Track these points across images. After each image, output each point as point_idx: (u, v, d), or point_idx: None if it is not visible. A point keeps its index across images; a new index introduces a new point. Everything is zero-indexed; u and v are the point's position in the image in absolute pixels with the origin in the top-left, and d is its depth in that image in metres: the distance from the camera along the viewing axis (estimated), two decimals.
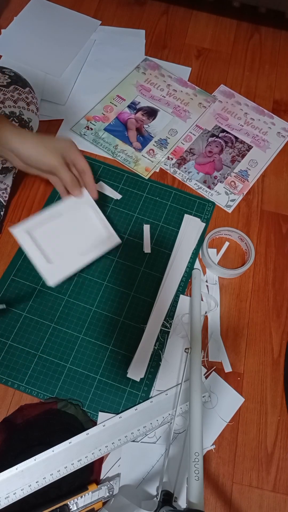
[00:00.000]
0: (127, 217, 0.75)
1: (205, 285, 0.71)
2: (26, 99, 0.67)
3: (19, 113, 0.66)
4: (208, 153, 0.83)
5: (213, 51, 0.96)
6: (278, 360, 0.67)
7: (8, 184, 0.73)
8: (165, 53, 0.95)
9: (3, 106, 0.65)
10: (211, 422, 0.62)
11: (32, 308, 0.67)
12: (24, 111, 0.66)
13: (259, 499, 0.59)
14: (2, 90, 0.66)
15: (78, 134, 0.83)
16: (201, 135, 0.84)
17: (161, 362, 0.65)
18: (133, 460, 0.59)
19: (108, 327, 0.67)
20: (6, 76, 0.67)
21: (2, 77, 0.67)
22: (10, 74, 0.68)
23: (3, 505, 0.53)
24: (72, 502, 0.54)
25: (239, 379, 0.66)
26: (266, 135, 0.87)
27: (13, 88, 0.66)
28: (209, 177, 0.81)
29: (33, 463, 0.55)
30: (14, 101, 0.66)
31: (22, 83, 0.68)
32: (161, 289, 0.69)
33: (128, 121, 0.85)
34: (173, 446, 0.60)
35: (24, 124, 0.66)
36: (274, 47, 0.98)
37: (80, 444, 0.57)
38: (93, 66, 0.91)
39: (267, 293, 0.72)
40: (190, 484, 0.50)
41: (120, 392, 0.63)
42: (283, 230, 0.77)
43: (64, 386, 0.63)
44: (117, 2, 1.01)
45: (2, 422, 0.60)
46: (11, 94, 0.66)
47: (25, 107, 0.67)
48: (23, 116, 0.66)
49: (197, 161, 0.82)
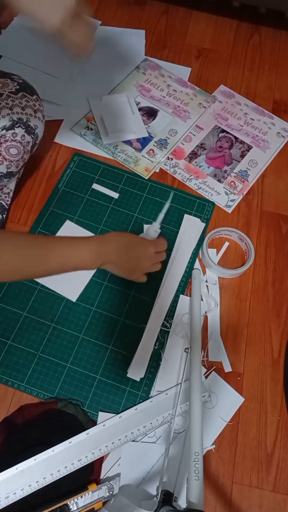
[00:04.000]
0: (127, 217, 0.75)
1: (205, 285, 0.71)
2: (33, 107, 0.68)
3: (26, 120, 0.67)
4: (219, 148, 0.83)
5: (213, 51, 0.96)
6: (278, 360, 0.67)
7: (11, 189, 0.73)
8: (165, 53, 0.95)
9: (11, 112, 0.66)
10: (211, 422, 0.62)
11: (32, 308, 0.67)
12: (31, 118, 0.67)
13: (259, 499, 0.59)
14: (11, 96, 0.66)
15: (78, 134, 0.83)
16: (212, 130, 0.86)
17: (161, 362, 0.65)
18: (133, 460, 0.59)
19: (108, 327, 0.67)
20: (15, 83, 0.68)
21: (11, 84, 0.67)
22: (18, 81, 0.69)
23: (3, 505, 0.53)
24: (72, 502, 0.54)
25: (239, 379, 0.66)
26: (266, 135, 0.87)
27: (22, 95, 0.67)
28: (219, 171, 0.82)
29: (33, 463, 0.55)
30: (22, 108, 0.67)
31: (30, 90, 0.69)
32: (161, 289, 0.69)
33: None
34: (173, 446, 0.60)
35: (30, 131, 0.67)
36: (274, 47, 0.98)
37: (80, 444, 0.57)
38: (93, 66, 0.91)
39: (267, 293, 0.72)
40: (190, 484, 0.50)
41: (120, 392, 0.63)
42: (283, 230, 0.77)
43: (64, 386, 0.63)
44: (117, 2, 1.01)
45: (2, 422, 0.60)
46: (19, 101, 0.67)
47: (32, 114, 0.68)
48: (30, 123, 0.67)
49: (208, 155, 0.83)
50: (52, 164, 0.80)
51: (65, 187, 0.77)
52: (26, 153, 0.68)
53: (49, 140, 0.82)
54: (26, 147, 0.67)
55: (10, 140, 0.65)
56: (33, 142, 0.68)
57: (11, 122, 0.65)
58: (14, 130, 0.66)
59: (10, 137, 0.65)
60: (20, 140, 0.66)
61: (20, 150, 0.67)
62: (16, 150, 0.66)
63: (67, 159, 0.80)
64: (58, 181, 0.78)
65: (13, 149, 0.66)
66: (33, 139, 0.68)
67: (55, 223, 0.74)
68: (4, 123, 0.65)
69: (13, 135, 0.66)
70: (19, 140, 0.66)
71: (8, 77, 0.69)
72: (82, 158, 0.80)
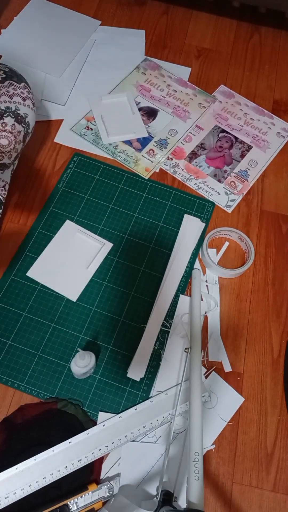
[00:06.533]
0: (127, 217, 0.75)
1: (205, 285, 0.71)
2: (21, 94, 0.67)
3: (15, 108, 0.65)
4: (219, 148, 0.83)
5: (213, 51, 0.96)
6: (278, 360, 0.67)
7: (7, 181, 0.72)
8: (165, 53, 0.95)
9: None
10: (211, 422, 0.62)
11: (32, 308, 0.67)
12: (20, 106, 0.66)
13: (259, 499, 0.59)
14: None
15: (78, 134, 0.83)
16: (212, 130, 0.86)
17: (161, 362, 0.65)
18: (133, 460, 0.59)
19: (108, 327, 0.67)
20: (1, 71, 0.67)
21: None
22: (5, 70, 0.68)
23: (3, 505, 0.53)
24: (72, 502, 0.54)
25: (239, 379, 0.66)
26: (266, 135, 0.87)
27: (8, 84, 0.66)
28: (219, 171, 0.82)
29: (33, 463, 0.55)
30: (10, 96, 0.65)
31: (18, 78, 0.68)
32: (161, 289, 0.69)
33: None
34: (173, 446, 0.60)
35: (20, 120, 0.66)
36: (274, 47, 0.98)
37: (80, 444, 0.57)
38: (93, 66, 0.91)
39: (267, 293, 0.72)
40: (190, 484, 0.50)
41: (120, 392, 0.63)
42: (283, 230, 0.77)
43: (64, 385, 0.63)
44: (117, 2, 1.01)
45: (2, 422, 0.60)
46: (6, 90, 0.65)
47: (21, 102, 0.66)
48: (19, 111, 0.66)
49: (208, 155, 0.83)
50: (52, 164, 0.80)
51: (65, 187, 0.77)
52: (18, 143, 0.67)
53: (49, 140, 0.82)
54: (17, 136, 0.66)
55: (0, 130, 0.65)
56: (24, 131, 0.67)
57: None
58: (3, 120, 0.64)
59: (0, 127, 0.65)
60: (11, 130, 0.65)
61: (11, 141, 0.65)
62: (7, 141, 0.65)
63: (67, 159, 0.81)
64: (58, 181, 0.78)
65: (3, 139, 0.65)
66: (24, 128, 0.67)
67: (55, 223, 0.74)
68: None
69: (2, 125, 0.64)
70: (9, 130, 0.65)
71: None
72: (82, 158, 0.80)
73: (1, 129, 0.64)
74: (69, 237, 0.73)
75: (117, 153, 0.82)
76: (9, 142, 0.65)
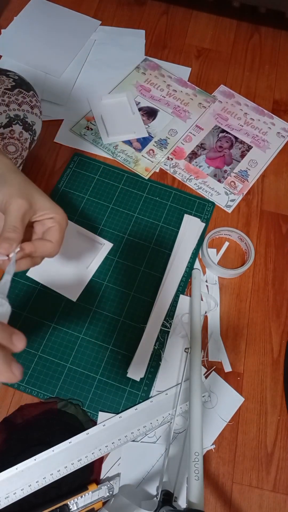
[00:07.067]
0: (127, 217, 0.75)
1: (205, 285, 0.71)
2: (30, 103, 0.68)
3: (23, 116, 0.66)
4: (219, 148, 0.83)
5: (213, 51, 0.96)
6: (278, 360, 0.67)
7: None
8: (165, 53, 0.95)
9: (8, 109, 0.65)
10: (211, 422, 0.62)
11: (32, 308, 0.67)
12: (28, 115, 0.67)
13: (259, 499, 0.59)
14: (7, 93, 0.66)
15: (78, 134, 0.83)
16: (212, 130, 0.86)
17: (161, 362, 0.65)
18: (133, 460, 0.59)
19: (108, 327, 0.67)
20: (10, 79, 0.68)
21: (7, 81, 0.67)
22: (14, 78, 0.68)
23: (3, 505, 0.53)
24: (72, 502, 0.54)
25: (239, 379, 0.66)
26: (266, 135, 0.87)
27: (18, 92, 0.67)
28: (219, 171, 0.82)
29: (33, 463, 0.55)
30: (19, 104, 0.66)
31: (27, 86, 0.69)
32: (161, 289, 0.69)
33: None
34: (173, 446, 0.60)
35: (28, 127, 0.67)
36: (274, 47, 0.98)
37: (80, 444, 0.57)
38: (93, 66, 0.91)
39: (267, 293, 0.72)
40: (190, 484, 0.50)
41: (120, 392, 0.63)
42: (283, 230, 0.77)
43: (64, 386, 0.63)
44: (117, 2, 1.01)
45: (2, 422, 0.60)
46: (15, 98, 0.66)
47: (29, 110, 0.67)
48: (27, 119, 0.67)
49: (208, 155, 0.83)
50: (52, 164, 0.80)
51: (65, 187, 0.77)
52: (24, 150, 0.68)
53: (49, 140, 0.82)
54: (24, 144, 0.67)
55: (8, 137, 0.65)
56: (31, 138, 0.68)
57: (8, 119, 0.65)
58: (12, 127, 0.65)
59: (8, 134, 0.65)
60: (18, 137, 0.66)
61: (18, 148, 0.66)
62: (14, 148, 0.66)
63: (67, 159, 0.80)
64: (58, 181, 0.78)
65: (11, 146, 0.65)
66: (31, 135, 0.68)
67: None
68: (1, 121, 0.65)
69: (10, 132, 0.65)
70: (17, 137, 0.66)
71: (3, 73, 0.68)
72: (82, 158, 0.80)
73: (9, 136, 0.65)
74: (69, 237, 0.73)
75: (117, 153, 0.82)
76: (16, 149, 0.66)
